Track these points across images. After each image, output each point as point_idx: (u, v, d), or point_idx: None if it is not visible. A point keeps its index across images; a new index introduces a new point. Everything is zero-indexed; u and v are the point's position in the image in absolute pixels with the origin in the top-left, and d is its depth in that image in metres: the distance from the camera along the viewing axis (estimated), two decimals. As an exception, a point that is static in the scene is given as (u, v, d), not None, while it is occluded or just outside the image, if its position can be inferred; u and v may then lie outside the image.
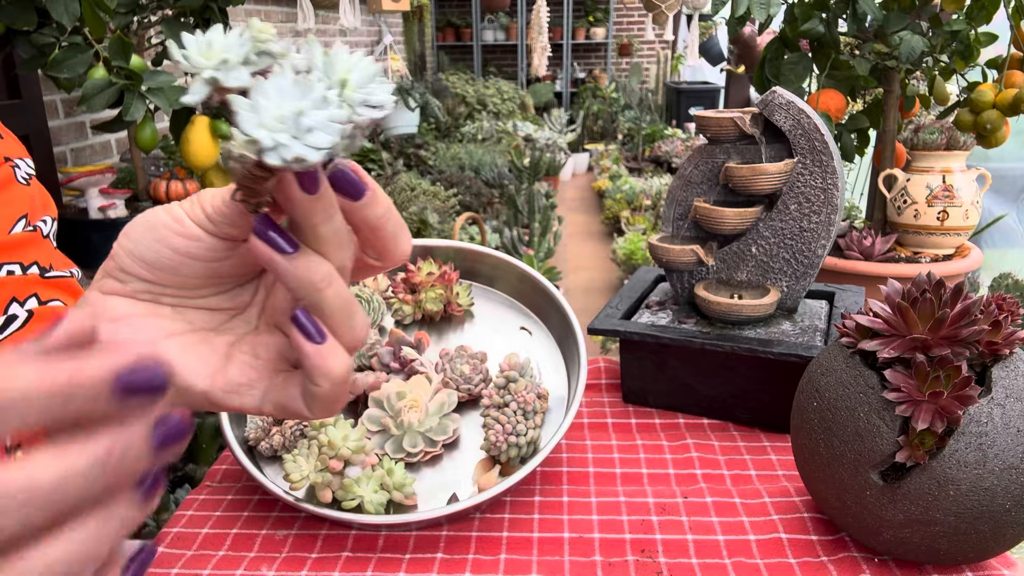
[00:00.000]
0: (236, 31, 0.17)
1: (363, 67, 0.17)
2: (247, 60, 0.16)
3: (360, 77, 0.17)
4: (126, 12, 0.96)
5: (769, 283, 0.58)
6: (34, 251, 0.35)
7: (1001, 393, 0.36)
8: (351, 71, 0.17)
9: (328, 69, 0.17)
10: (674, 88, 4.21)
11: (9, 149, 0.36)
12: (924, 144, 0.90)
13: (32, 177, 0.37)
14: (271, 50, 0.17)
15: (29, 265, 0.35)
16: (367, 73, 0.17)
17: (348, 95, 0.16)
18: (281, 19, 2.66)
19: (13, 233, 0.35)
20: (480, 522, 0.43)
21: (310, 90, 0.16)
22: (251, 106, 0.16)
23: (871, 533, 0.38)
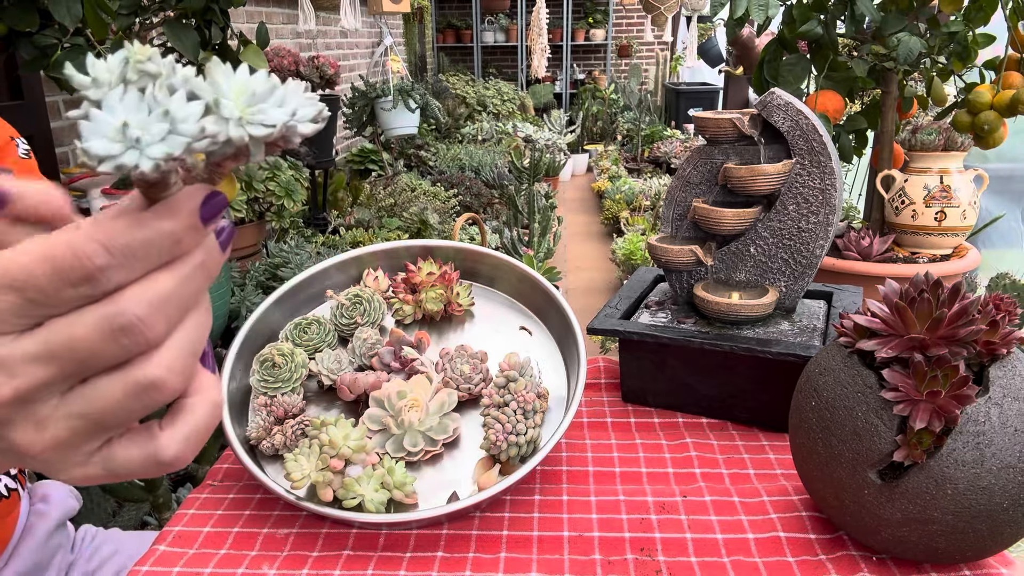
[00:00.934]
0: (121, 54, 0.17)
1: (254, 87, 0.17)
2: (125, 79, 0.17)
3: (249, 97, 0.17)
4: (128, 13, 0.96)
5: (767, 283, 0.59)
6: None
7: (999, 392, 0.36)
8: (235, 90, 0.17)
9: (212, 87, 0.17)
10: (673, 89, 4.22)
11: (4, 127, 0.38)
12: (922, 145, 0.90)
13: (31, 153, 0.40)
14: (148, 70, 0.17)
15: None
16: (259, 92, 0.17)
17: (226, 112, 0.17)
18: (283, 20, 2.66)
19: None
20: (480, 521, 0.43)
21: (155, 105, 0.16)
22: (94, 118, 0.16)
23: (869, 532, 0.39)
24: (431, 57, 4.81)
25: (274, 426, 0.47)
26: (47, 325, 0.17)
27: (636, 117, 3.91)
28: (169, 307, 0.17)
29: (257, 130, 0.17)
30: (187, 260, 0.18)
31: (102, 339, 0.16)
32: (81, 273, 0.16)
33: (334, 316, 0.54)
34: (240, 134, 0.17)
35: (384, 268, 0.58)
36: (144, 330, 0.17)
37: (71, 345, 0.16)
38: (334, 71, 2.37)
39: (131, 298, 0.17)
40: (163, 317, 0.17)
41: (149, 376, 0.17)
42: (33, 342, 0.16)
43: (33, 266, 0.16)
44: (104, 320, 0.16)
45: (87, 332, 0.16)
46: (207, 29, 1.06)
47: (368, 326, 0.53)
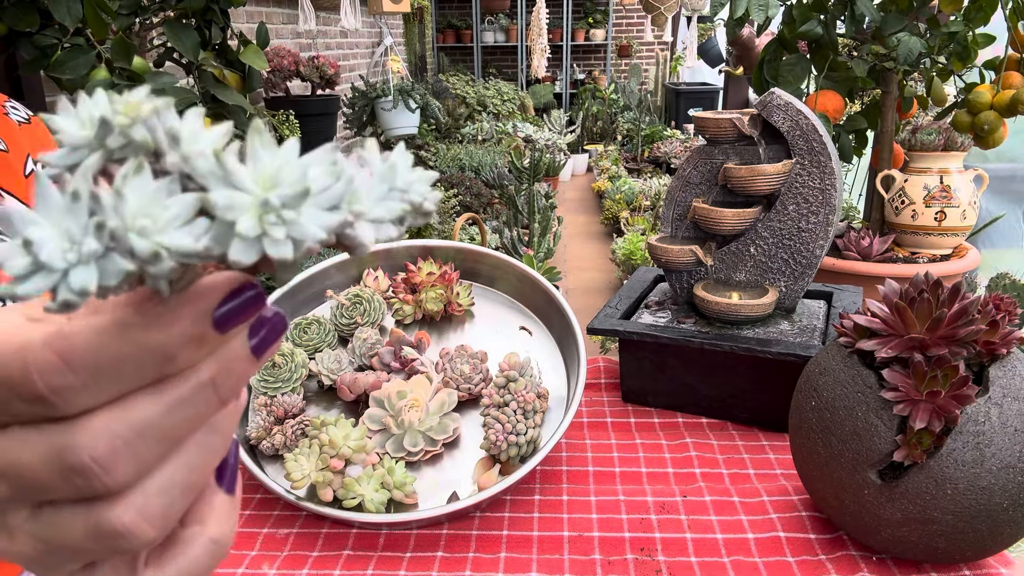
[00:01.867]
0: (103, 103, 0.13)
1: (293, 176, 0.13)
2: (103, 144, 0.13)
3: (283, 195, 0.12)
4: (128, 13, 0.96)
5: (767, 283, 0.59)
6: None
7: (998, 392, 0.36)
8: (263, 178, 0.13)
9: (221, 171, 0.13)
10: (673, 89, 4.22)
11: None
12: (922, 145, 0.90)
13: (31, 118, 0.37)
14: (133, 137, 0.13)
15: None
16: (308, 187, 0.13)
17: (234, 218, 0.13)
18: (283, 20, 2.66)
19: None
20: (480, 520, 0.43)
21: (111, 206, 0.12)
22: (8, 214, 0.12)
23: (869, 532, 0.39)
24: (431, 57, 4.81)
25: (274, 426, 0.47)
26: (2, 433, 0.14)
27: (636, 117, 3.91)
28: (144, 443, 0.14)
29: (280, 249, 0.12)
30: (184, 380, 0.14)
31: (49, 473, 0.13)
32: (30, 391, 0.13)
33: (334, 316, 0.54)
34: (243, 256, 0.12)
35: (384, 268, 0.58)
36: (99, 474, 0.13)
37: (17, 469, 0.14)
38: (334, 71, 2.37)
39: (90, 431, 0.13)
40: (130, 457, 0.13)
41: (111, 522, 0.14)
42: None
43: None
44: (53, 452, 0.13)
45: (33, 460, 0.13)
46: (207, 29, 1.06)
47: (368, 326, 0.53)
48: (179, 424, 0.14)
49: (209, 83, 1.05)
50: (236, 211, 0.12)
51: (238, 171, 0.13)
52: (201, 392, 0.14)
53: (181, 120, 0.13)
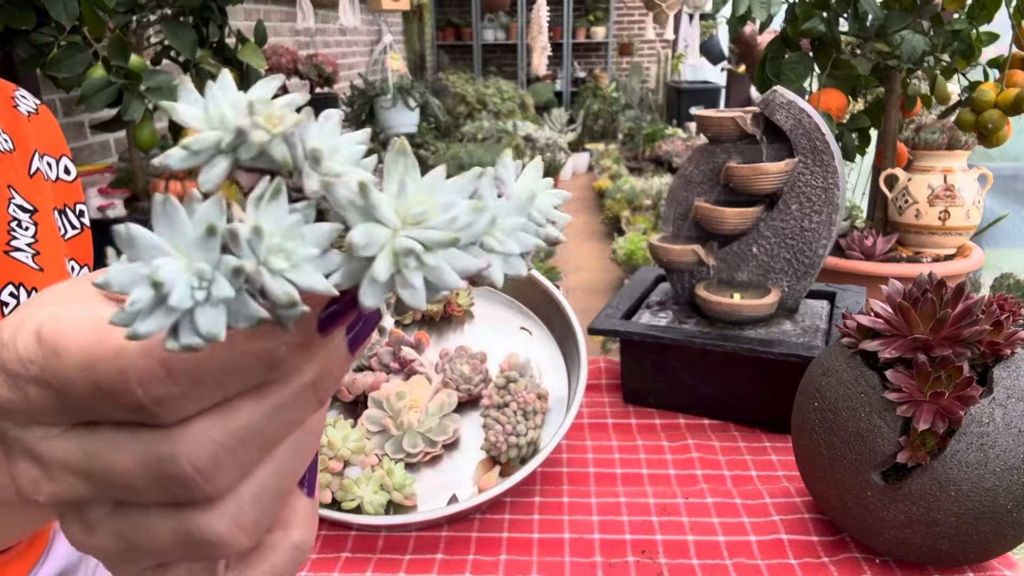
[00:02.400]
0: (242, 99, 0.12)
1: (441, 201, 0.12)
2: (233, 149, 0.12)
3: (437, 235, 0.11)
4: (125, 11, 0.96)
5: (770, 283, 0.58)
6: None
7: (1003, 393, 0.35)
8: (407, 206, 0.11)
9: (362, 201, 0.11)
10: (675, 88, 4.21)
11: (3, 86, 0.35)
12: (925, 144, 0.90)
13: (40, 106, 0.36)
14: (271, 155, 0.11)
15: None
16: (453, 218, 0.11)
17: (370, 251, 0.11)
18: (281, 18, 2.65)
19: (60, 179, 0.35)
20: (480, 523, 0.43)
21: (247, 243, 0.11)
22: (131, 236, 0.11)
23: (872, 534, 0.38)
24: (431, 55, 4.80)
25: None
26: (94, 433, 0.13)
27: (637, 115, 3.91)
28: (245, 450, 0.13)
29: (414, 297, 0.11)
30: (286, 384, 0.13)
31: (146, 480, 0.13)
32: (129, 400, 0.12)
33: (333, 316, 0.53)
34: (372, 300, 0.11)
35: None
36: (200, 483, 0.13)
37: (110, 472, 0.13)
38: (333, 69, 2.36)
39: (192, 440, 0.13)
40: (232, 464, 0.13)
41: (204, 531, 0.13)
42: (75, 449, 0.13)
43: (71, 373, 0.12)
44: (151, 460, 0.13)
45: (130, 467, 0.13)
46: (205, 27, 1.05)
47: (367, 326, 0.53)
48: (280, 429, 0.13)
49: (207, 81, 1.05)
50: (373, 248, 0.11)
51: (381, 205, 0.11)
52: (303, 395, 0.13)
53: (316, 126, 0.12)
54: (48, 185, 0.35)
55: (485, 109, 4.05)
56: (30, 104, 0.36)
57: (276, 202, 0.11)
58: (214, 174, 0.12)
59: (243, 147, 0.12)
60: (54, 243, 0.34)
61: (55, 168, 0.36)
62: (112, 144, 1.67)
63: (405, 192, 0.12)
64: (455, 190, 0.12)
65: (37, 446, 0.13)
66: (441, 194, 0.12)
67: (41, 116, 0.36)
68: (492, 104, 4.08)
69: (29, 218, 0.33)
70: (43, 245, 0.33)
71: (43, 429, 0.13)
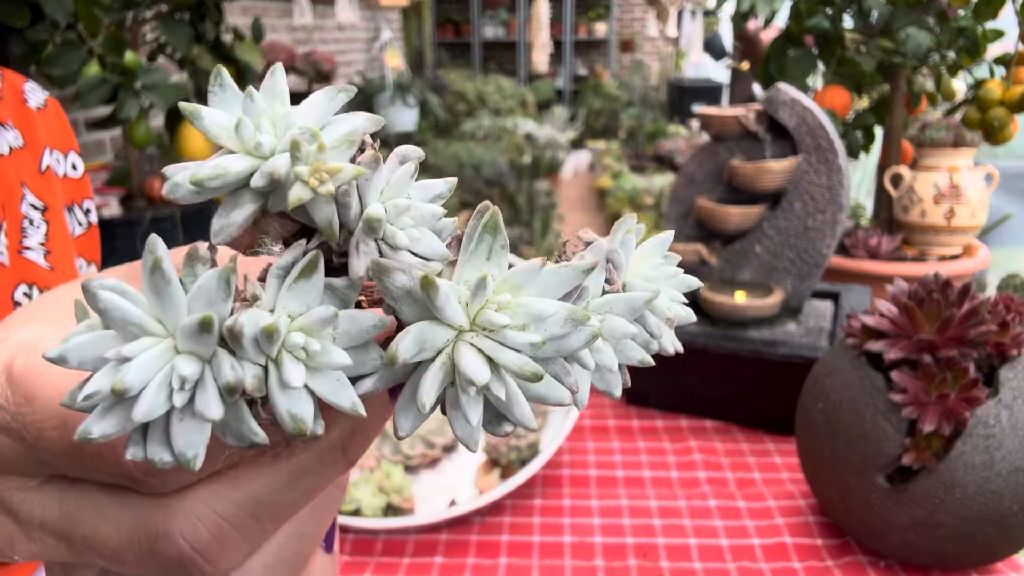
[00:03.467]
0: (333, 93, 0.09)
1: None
2: (262, 197, 0.09)
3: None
4: (120, 8, 0.95)
5: (773, 283, 0.58)
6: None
7: (1009, 395, 0.35)
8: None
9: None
10: (677, 85, 4.19)
11: (13, 77, 0.35)
12: (931, 141, 0.89)
13: (48, 99, 0.36)
14: (315, 216, 0.09)
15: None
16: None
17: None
18: (278, 14, 2.64)
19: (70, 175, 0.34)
20: (480, 526, 0.42)
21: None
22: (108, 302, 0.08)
23: (877, 536, 0.38)
24: (430, 52, 4.79)
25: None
26: (75, 491, 0.11)
27: (639, 113, 3.89)
28: (256, 524, 0.11)
29: (466, 432, 0.09)
30: (308, 445, 0.11)
31: (136, 555, 0.11)
32: (116, 467, 0.10)
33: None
34: (407, 429, 0.09)
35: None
36: (201, 564, 0.11)
37: (93, 541, 0.11)
38: (331, 67, 2.35)
39: (190, 513, 0.10)
40: (239, 542, 0.11)
41: None
42: (54, 508, 0.11)
43: (46, 429, 0.10)
44: (141, 535, 0.11)
45: (116, 539, 0.11)
46: (201, 24, 1.05)
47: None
48: (299, 498, 0.11)
49: (203, 79, 1.05)
50: (426, 352, 0.09)
51: (448, 306, 0.08)
52: (328, 457, 0.11)
53: (384, 173, 0.09)
54: (58, 181, 0.34)
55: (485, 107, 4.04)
56: (39, 98, 0.35)
57: (308, 281, 0.08)
58: (233, 221, 0.09)
59: (276, 196, 0.09)
60: (65, 241, 0.33)
61: (63, 164, 0.35)
62: (108, 142, 1.67)
63: (483, 288, 0.09)
64: (553, 287, 0.09)
65: (11, 498, 0.11)
66: (534, 295, 0.09)
67: (49, 109, 0.36)
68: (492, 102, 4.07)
69: (40, 216, 0.32)
70: (54, 244, 0.33)
71: (18, 479, 0.11)
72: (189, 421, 0.08)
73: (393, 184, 0.10)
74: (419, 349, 0.09)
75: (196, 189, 0.09)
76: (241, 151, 0.09)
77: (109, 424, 0.08)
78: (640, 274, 0.11)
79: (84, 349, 0.08)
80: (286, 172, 0.09)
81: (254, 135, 0.09)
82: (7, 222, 0.30)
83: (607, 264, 0.10)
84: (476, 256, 0.09)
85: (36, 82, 0.36)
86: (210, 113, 0.09)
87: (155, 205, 1.13)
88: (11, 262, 0.30)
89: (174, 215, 1.12)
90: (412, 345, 0.09)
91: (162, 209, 1.11)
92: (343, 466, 0.12)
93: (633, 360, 0.11)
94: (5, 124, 0.32)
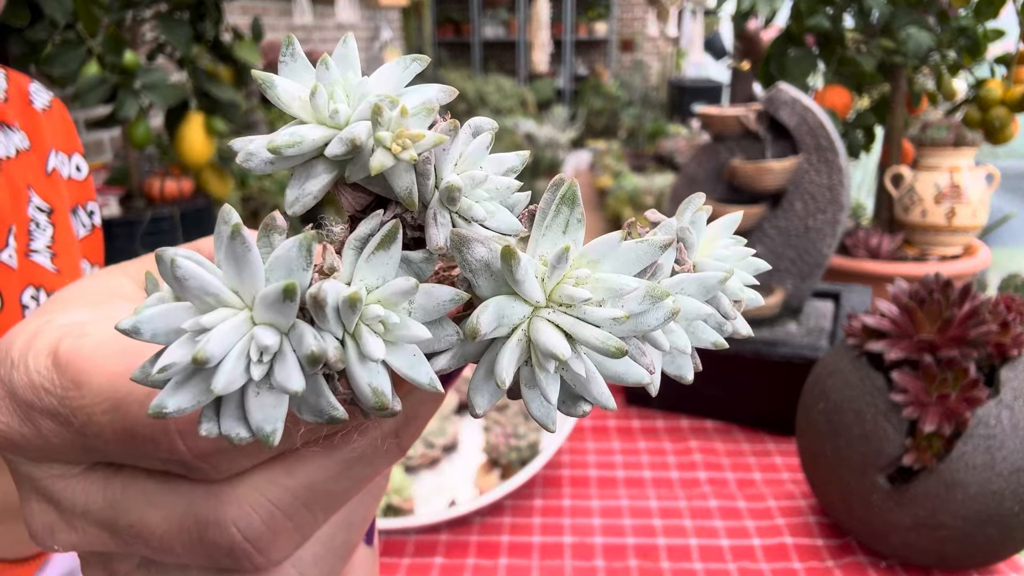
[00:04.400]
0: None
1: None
2: (338, 165, 0.08)
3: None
4: (120, 7, 0.95)
5: (774, 283, 0.58)
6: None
7: (1009, 395, 0.35)
8: None
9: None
10: (677, 85, 4.19)
11: (18, 78, 0.35)
12: (932, 141, 0.89)
13: (53, 100, 0.36)
14: (393, 185, 0.09)
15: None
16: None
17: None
18: (277, 14, 2.64)
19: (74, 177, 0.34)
20: (480, 526, 0.42)
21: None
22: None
23: (877, 537, 0.38)
24: (430, 52, 4.78)
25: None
26: (121, 479, 0.11)
27: (639, 113, 3.89)
28: (309, 512, 0.11)
29: (543, 410, 0.08)
30: (363, 433, 0.11)
31: (185, 544, 0.11)
32: (167, 452, 0.10)
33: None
34: (482, 407, 0.09)
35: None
36: (253, 555, 0.10)
37: (140, 530, 0.11)
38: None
39: (243, 501, 0.10)
40: (292, 531, 0.11)
41: None
42: (98, 496, 0.11)
43: (96, 414, 0.10)
44: (191, 523, 0.10)
45: (165, 527, 0.10)
46: (200, 23, 1.05)
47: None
48: (351, 487, 0.11)
49: (202, 78, 1.05)
50: (503, 331, 0.08)
51: (527, 280, 0.08)
52: (382, 446, 0.11)
53: (459, 144, 0.09)
54: (63, 183, 0.34)
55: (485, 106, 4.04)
56: (44, 99, 0.35)
57: (386, 252, 0.08)
58: (308, 191, 0.09)
59: (354, 164, 0.09)
60: (70, 244, 0.33)
61: (68, 166, 0.35)
62: (107, 142, 1.67)
63: (564, 261, 0.08)
64: (630, 262, 0.09)
65: (52, 486, 0.11)
66: (610, 271, 0.09)
67: (54, 111, 0.36)
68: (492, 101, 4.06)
69: (47, 219, 0.32)
70: (60, 246, 0.33)
71: (60, 467, 0.11)
72: (266, 395, 0.08)
73: (468, 156, 0.09)
74: (497, 324, 0.08)
75: (272, 157, 0.09)
76: (314, 121, 0.09)
77: (184, 398, 0.08)
78: (711, 254, 0.11)
79: (157, 320, 0.08)
80: (367, 138, 0.08)
81: (328, 104, 0.09)
82: (16, 225, 0.30)
83: (678, 243, 0.10)
84: (552, 229, 0.09)
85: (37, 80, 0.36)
86: (283, 82, 0.09)
87: (154, 205, 1.13)
88: (19, 265, 0.30)
89: (173, 215, 1.12)
90: (492, 319, 0.08)
91: (161, 209, 1.11)
92: (396, 455, 0.11)
93: (706, 343, 0.10)
94: (12, 126, 0.32)
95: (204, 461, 0.10)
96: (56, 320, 0.11)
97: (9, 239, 0.30)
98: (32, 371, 0.11)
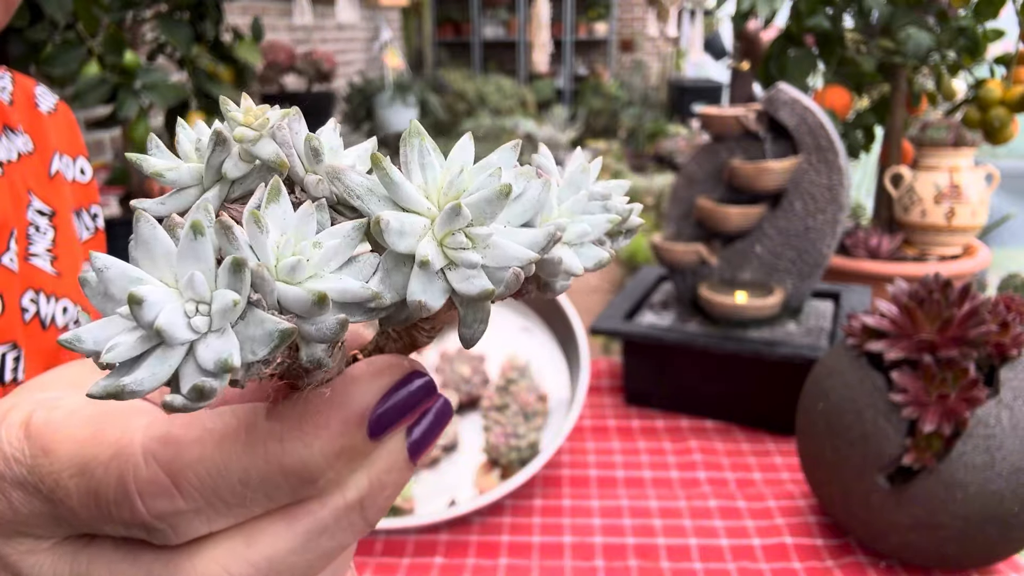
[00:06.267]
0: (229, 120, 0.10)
1: (474, 180, 0.09)
2: (220, 177, 0.10)
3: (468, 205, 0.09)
4: (120, 7, 0.95)
5: (774, 283, 0.58)
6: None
7: (1009, 395, 0.35)
8: (440, 184, 0.10)
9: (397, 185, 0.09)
10: (677, 85, 4.19)
11: (25, 80, 0.34)
12: (931, 141, 0.89)
13: (59, 103, 0.36)
14: (260, 155, 0.10)
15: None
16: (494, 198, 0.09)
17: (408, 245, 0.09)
18: (277, 14, 2.64)
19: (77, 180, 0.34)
20: (480, 526, 0.42)
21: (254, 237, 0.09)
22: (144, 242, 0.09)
23: (877, 537, 0.38)
24: (430, 52, 4.78)
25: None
26: (88, 552, 0.11)
27: (639, 113, 3.89)
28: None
29: (472, 284, 0.09)
30: (325, 503, 0.11)
31: None
32: (129, 515, 0.10)
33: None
34: (430, 297, 0.09)
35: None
36: None
37: None
38: (331, 66, 2.35)
39: (201, 571, 0.10)
40: None
41: None
42: (65, 570, 0.11)
43: (63, 478, 0.10)
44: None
45: None
46: (200, 23, 1.05)
47: (366, 326, 0.52)
48: (315, 561, 0.11)
49: (202, 78, 1.04)
50: (410, 237, 0.09)
51: (404, 184, 0.09)
52: (346, 517, 0.11)
53: (305, 126, 0.10)
54: (67, 186, 0.34)
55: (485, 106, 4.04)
56: (49, 102, 0.35)
57: (277, 203, 0.09)
58: (203, 203, 0.09)
59: (227, 160, 0.10)
60: (72, 247, 0.33)
61: (72, 169, 0.35)
62: (107, 142, 1.66)
63: (429, 168, 0.09)
64: (487, 162, 0.10)
65: (21, 562, 0.11)
66: (472, 166, 0.09)
67: (59, 114, 0.36)
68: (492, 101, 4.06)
69: (48, 222, 0.32)
70: (61, 249, 0.33)
71: (31, 542, 0.11)
72: (213, 339, 0.08)
73: (323, 134, 0.11)
74: (400, 228, 0.09)
75: (158, 202, 0.11)
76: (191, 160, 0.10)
77: (141, 372, 0.08)
78: (569, 168, 0.12)
79: (95, 329, 0.08)
80: (227, 129, 0.10)
81: (199, 143, 0.11)
82: (17, 229, 0.30)
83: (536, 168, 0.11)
84: (412, 155, 0.10)
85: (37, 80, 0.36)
86: (153, 161, 0.11)
87: (155, 205, 1.12)
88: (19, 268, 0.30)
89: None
90: (394, 219, 0.09)
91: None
92: (361, 527, 0.11)
93: (603, 223, 0.11)
94: (16, 129, 0.32)
95: (162, 522, 0.10)
96: (34, 396, 0.12)
97: (10, 243, 0.30)
98: (4, 442, 0.11)
